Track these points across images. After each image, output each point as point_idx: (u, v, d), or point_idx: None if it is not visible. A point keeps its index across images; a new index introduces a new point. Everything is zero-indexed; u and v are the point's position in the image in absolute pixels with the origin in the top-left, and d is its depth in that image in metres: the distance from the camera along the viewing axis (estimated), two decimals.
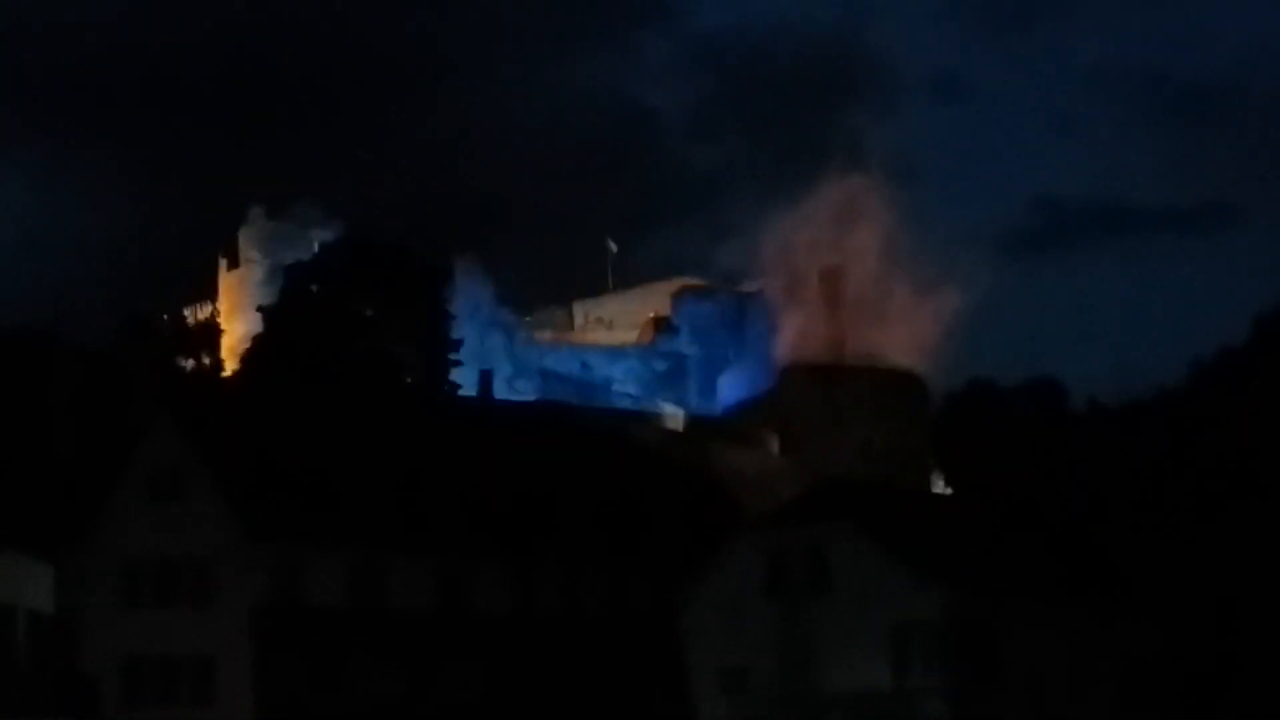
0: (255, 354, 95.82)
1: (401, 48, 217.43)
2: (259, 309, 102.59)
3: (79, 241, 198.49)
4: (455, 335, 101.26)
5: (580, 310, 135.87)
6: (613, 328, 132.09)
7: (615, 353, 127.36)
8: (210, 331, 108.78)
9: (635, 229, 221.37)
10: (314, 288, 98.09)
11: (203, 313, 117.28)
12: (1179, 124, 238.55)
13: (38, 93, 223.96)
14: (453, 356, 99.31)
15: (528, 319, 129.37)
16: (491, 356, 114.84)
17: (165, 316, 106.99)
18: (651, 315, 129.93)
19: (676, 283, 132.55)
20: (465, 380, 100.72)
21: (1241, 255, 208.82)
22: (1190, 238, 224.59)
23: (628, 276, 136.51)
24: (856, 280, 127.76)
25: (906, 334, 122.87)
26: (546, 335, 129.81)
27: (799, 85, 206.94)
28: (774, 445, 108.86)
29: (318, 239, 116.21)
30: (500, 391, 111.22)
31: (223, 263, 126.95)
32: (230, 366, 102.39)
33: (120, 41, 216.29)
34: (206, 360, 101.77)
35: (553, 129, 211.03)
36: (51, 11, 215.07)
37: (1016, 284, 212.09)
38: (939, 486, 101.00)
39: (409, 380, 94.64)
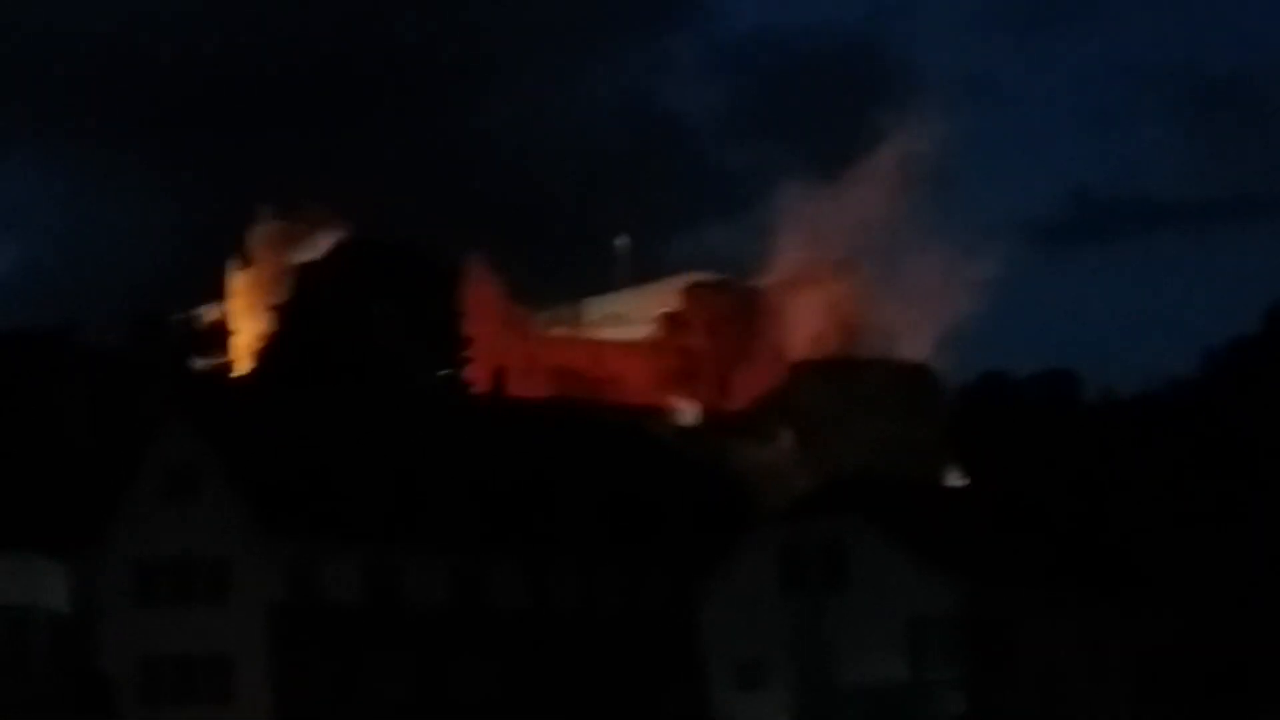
0: (268, 353, 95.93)
1: (425, 48, 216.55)
2: (271, 309, 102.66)
3: (93, 243, 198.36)
4: (467, 333, 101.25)
5: (593, 306, 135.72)
6: (626, 324, 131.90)
7: (628, 348, 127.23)
8: (222, 332, 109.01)
9: (661, 229, 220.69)
10: (325, 287, 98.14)
11: (214, 313, 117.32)
12: (1210, 118, 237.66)
13: (49, 94, 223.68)
14: (465, 354, 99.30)
15: (540, 315, 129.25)
16: (504, 354, 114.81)
17: (178, 317, 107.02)
18: (664, 311, 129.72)
19: (689, 278, 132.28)
20: (478, 378, 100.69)
21: (1265, 248, 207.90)
22: (1219, 230, 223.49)
23: (651, 275, 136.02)
24: (875, 274, 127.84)
25: (926, 327, 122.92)
26: (559, 331, 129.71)
27: (828, 86, 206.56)
28: (787, 440, 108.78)
29: (329, 238, 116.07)
30: (513, 389, 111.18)
31: (234, 263, 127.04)
32: (242, 367, 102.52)
33: (131, 42, 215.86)
34: (219, 360, 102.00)
35: (579, 129, 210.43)
36: (56, 11, 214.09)
37: (1042, 279, 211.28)
38: (954, 479, 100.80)
39: (421, 378, 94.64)
